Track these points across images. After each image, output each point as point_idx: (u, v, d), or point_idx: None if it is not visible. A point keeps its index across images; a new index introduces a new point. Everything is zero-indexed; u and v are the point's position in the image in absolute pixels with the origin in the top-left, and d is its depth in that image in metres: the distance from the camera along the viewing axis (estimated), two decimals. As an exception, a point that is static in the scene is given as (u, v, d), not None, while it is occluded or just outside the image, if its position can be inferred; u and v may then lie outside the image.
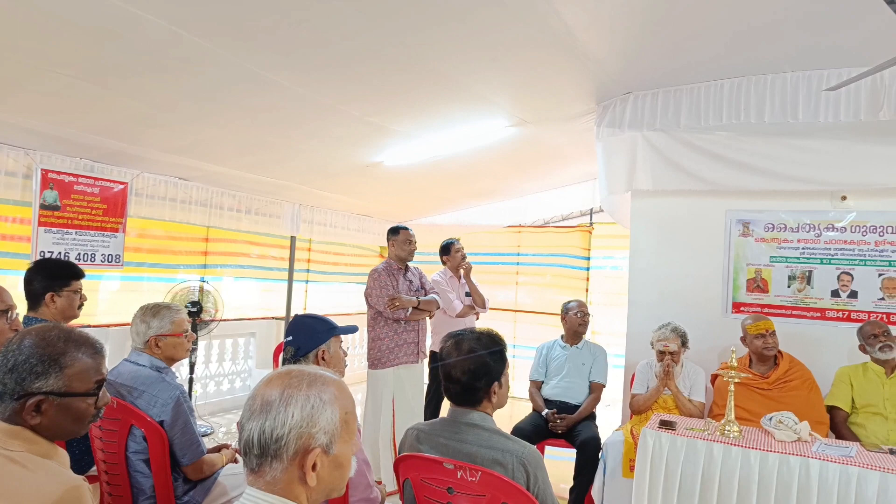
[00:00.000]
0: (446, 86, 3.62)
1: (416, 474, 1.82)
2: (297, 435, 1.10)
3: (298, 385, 1.14)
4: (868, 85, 3.42)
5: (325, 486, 1.14)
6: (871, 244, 3.84)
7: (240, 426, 1.15)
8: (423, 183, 5.75)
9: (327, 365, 2.02)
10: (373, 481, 1.92)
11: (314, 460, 1.10)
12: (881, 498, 2.45)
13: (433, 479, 1.77)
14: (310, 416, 1.11)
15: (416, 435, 1.87)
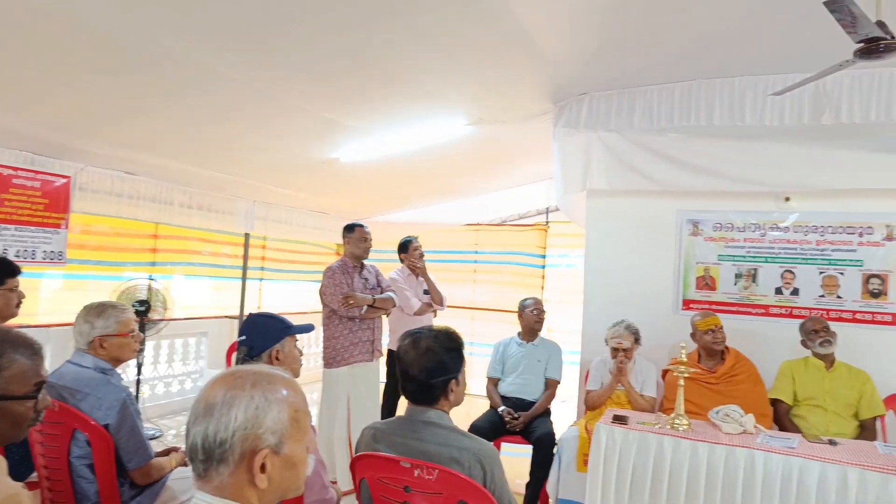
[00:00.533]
0: (404, 83, 3.60)
1: (372, 474, 1.80)
2: (242, 437, 1.06)
3: (242, 385, 1.10)
4: (811, 90, 3.56)
5: (278, 486, 1.11)
6: (812, 243, 4.01)
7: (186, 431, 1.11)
8: (381, 180, 5.71)
9: (281, 364, 1.99)
10: (328, 481, 1.90)
11: (262, 461, 1.07)
12: (821, 487, 2.56)
13: (390, 479, 1.76)
14: (254, 416, 1.07)
15: (373, 434, 1.86)
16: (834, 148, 3.75)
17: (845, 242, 3.94)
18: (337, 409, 3.88)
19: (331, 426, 3.88)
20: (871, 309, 3.86)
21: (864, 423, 3.44)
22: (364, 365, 3.98)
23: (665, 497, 2.78)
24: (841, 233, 3.95)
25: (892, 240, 3.83)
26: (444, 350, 1.80)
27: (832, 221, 3.97)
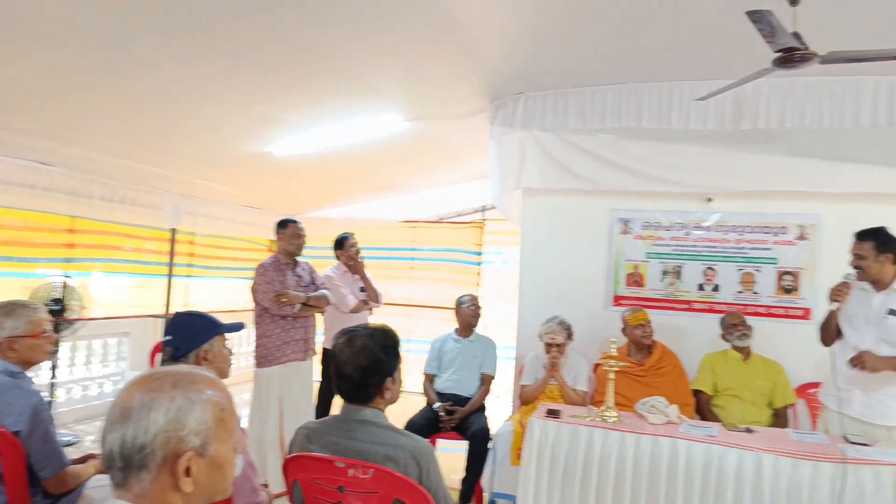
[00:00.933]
0: (341, 78, 3.55)
1: (305, 475, 1.76)
2: (163, 440, 1.01)
3: (161, 387, 1.05)
4: (732, 97, 3.74)
5: (205, 490, 1.06)
6: (732, 242, 4.22)
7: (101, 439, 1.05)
8: (316, 175, 5.60)
9: (210, 365, 1.91)
10: (258, 484, 1.84)
11: (187, 464, 1.02)
12: (738, 473, 2.70)
13: (324, 479, 1.73)
14: (176, 418, 1.02)
15: (307, 434, 1.82)
16: (752, 152, 3.96)
17: (761, 241, 4.17)
18: (269, 409, 3.78)
19: (262, 427, 3.78)
20: (784, 304, 4.10)
21: (777, 412, 3.66)
22: (297, 364, 3.89)
23: (594, 487, 2.86)
24: (758, 232, 4.18)
25: (803, 239, 4.09)
26: (380, 348, 1.78)
27: (750, 222, 4.20)
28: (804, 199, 4.01)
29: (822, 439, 2.92)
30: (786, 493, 2.63)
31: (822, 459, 2.62)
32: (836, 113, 3.67)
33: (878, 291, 3.01)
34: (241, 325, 2.15)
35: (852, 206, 3.88)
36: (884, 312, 2.96)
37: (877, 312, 2.98)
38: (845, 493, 2.53)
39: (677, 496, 2.75)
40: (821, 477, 2.59)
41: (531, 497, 2.92)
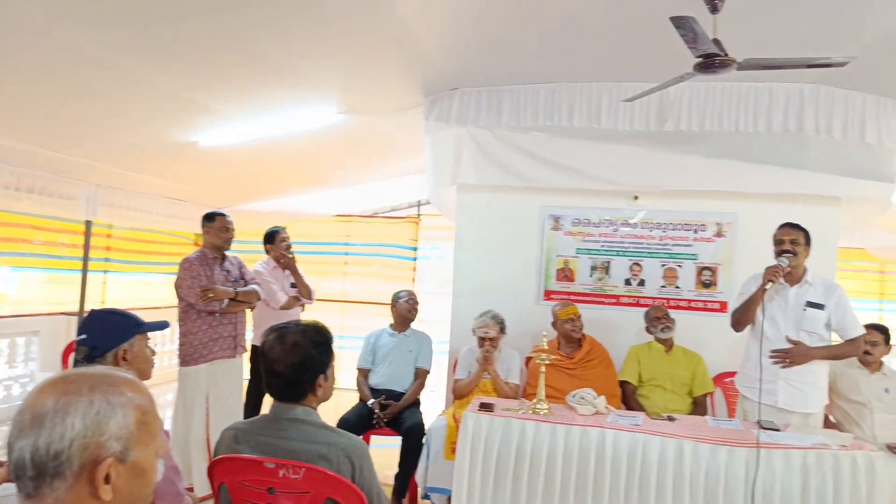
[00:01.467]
0: (273, 68, 3.44)
1: (233, 477, 1.70)
2: (81, 447, 0.95)
3: (78, 390, 0.98)
4: (657, 99, 3.90)
5: (125, 497, 1.00)
6: (656, 238, 4.40)
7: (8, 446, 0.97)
8: (246, 167, 5.42)
9: (129, 365, 1.81)
10: (182, 488, 1.77)
11: (106, 471, 0.97)
12: (661, 459, 2.82)
13: (252, 481, 1.68)
14: (95, 423, 0.96)
15: (234, 435, 1.75)
16: (675, 153, 4.14)
17: (683, 238, 4.37)
18: (194, 409, 3.63)
19: (187, 429, 3.63)
20: (703, 298, 4.32)
21: (696, 400, 3.85)
22: (225, 362, 3.76)
23: (526, 478, 2.92)
24: (680, 229, 4.37)
25: (721, 236, 4.31)
26: (312, 344, 1.74)
27: (673, 219, 4.39)
28: (722, 198, 4.23)
29: (738, 425, 3.10)
30: (704, 477, 2.77)
31: (738, 445, 2.78)
32: (750, 117, 3.90)
33: (791, 286, 3.21)
34: (165, 323, 2.05)
35: (765, 205, 4.13)
36: (802, 305, 3.17)
37: (794, 306, 3.18)
38: (758, 476, 2.69)
39: (605, 483, 2.84)
40: (736, 461, 2.75)
41: (465, 490, 2.95)
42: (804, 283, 3.20)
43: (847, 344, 3.20)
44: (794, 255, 3.12)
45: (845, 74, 3.47)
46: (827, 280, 3.29)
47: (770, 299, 3.20)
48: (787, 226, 3.21)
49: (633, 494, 2.82)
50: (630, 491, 2.82)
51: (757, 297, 3.16)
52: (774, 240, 3.23)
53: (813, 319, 3.13)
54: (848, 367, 3.59)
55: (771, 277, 3.08)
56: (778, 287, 3.20)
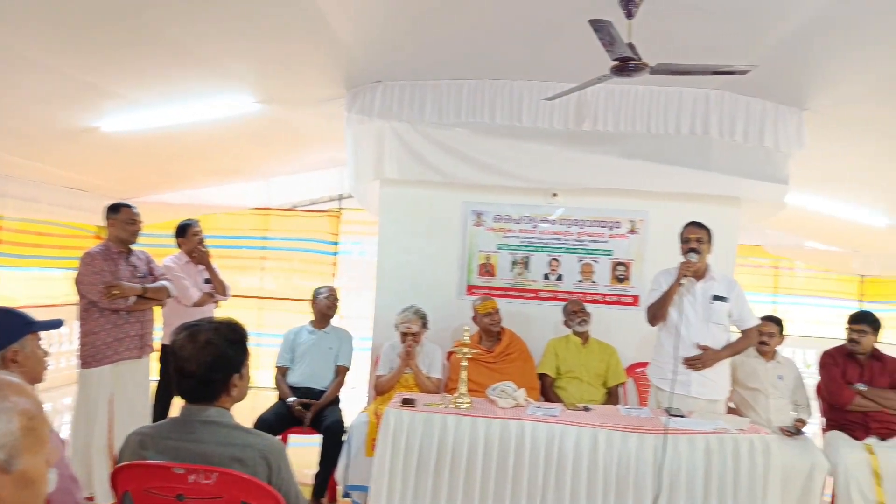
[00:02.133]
0: (184, 53, 3.27)
1: (138, 485, 1.60)
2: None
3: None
4: (576, 99, 4.01)
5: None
6: (574, 235, 4.54)
7: None
8: (155, 155, 5.12)
9: (20, 367, 1.66)
10: (80, 498, 1.64)
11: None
12: (577, 448, 2.92)
13: (160, 488, 1.58)
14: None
15: (140, 440, 1.65)
16: (592, 152, 4.28)
17: (599, 235, 4.53)
18: (97, 414, 3.40)
19: (88, 434, 3.39)
20: (617, 292, 4.50)
21: (610, 390, 4.02)
22: (132, 362, 3.53)
23: (447, 472, 2.94)
24: (596, 226, 4.53)
25: (634, 233, 4.51)
26: (226, 343, 1.66)
27: (589, 216, 4.54)
28: (635, 196, 4.42)
29: (647, 413, 3.26)
30: (616, 463, 2.89)
31: (647, 431, 2.91)
32: (661, 120, 4.09)
33: (698, 281, 3.41)
34: (59, 322, 1.90)
35: (673, 204, 4.34)
36: (708, 299, 3.37)
37: (702, 300, 3.39)
38: (665, 460, 2.84)
39: (524, 474, 2.91)
40: (645, 447, 2.89)
41: (385, 487, 2.93)
42: (709, 278, 3.41)
43: (744, 337, 3.46)
44: (699, 253, 3.31)
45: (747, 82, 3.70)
46: (726, 275, 3.54)
47: (680, 294, 3.37)
48: (692, 225, 3.41)
49: (551, 483, 2.90)
50: (548, 480, 2.91)
51: (672, 291, 3.33)
52: (682, 238, 3.41)
53: (719, 312, 3.35)
54: (746, 357, 3.85)
55: (685, 272, 3.27)
56: (686, 283, 3.38)
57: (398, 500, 2.94)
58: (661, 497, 2.84)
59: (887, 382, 3.65)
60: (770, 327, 3.87)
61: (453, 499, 2.93)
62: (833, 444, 3.58)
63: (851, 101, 3.85)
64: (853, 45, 3.16)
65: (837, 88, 3.75)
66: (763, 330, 3.81)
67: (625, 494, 2.87)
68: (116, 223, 3.57)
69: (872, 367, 3.69)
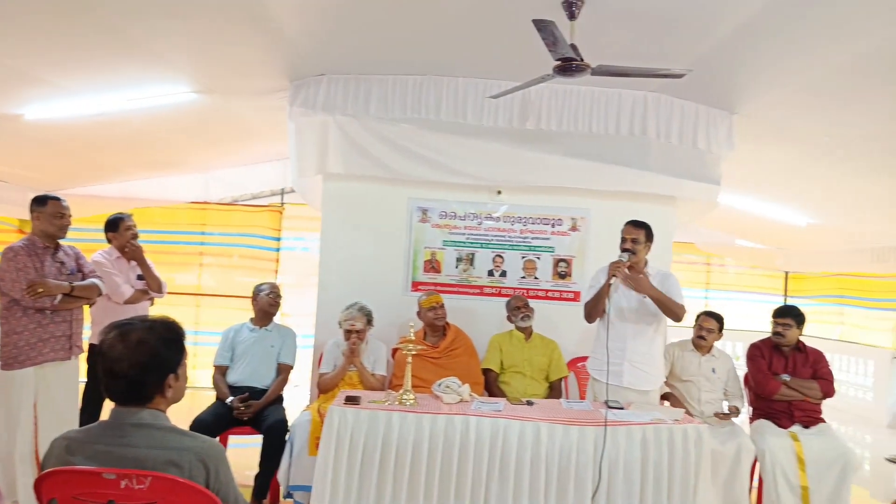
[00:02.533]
0: (116, 38, 3.12)
1: (65, 492, 1.52)
2: None
3: None
4: (520, 98, 4.07)
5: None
6: (517, 232, 4.61)
7: None
8: (83, 146, 4.88)
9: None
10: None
11: None
12: (521, 441, 2.96)
13: (88, 495, 1.50)
14: None
15: (66, 445, 1.56)
16: (536, 150, 4.35)
17: (542, 232, 4.61)
18: (19, 418, 3.20)
19: (10, 440, 3.19)
20: (559, 288, 4.59)
21: (552, 384, 4.10)
22: (58, 364, 3.35)
23: (392, 469, 2.93)
24: (539, 223, 4.61)
25: (576, 230, 4.61)
26: (161, 342, 1.59)
27: (533, 214, 4.61)
28: (577, 194, 4.52)
29: (588, 406, 3.34)
30: (558, 455, 2.95)
31: (588, 424, 2.99)
32: (602, 120, 4.20)
33: None
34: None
35: (614, 202, 4.46)
36: (642, 294, 3.45)
37: (636, 295, 3.47)
38: (605, 451, 2.92)
39: (468, 469, 2.93)
40: (586, 439, 2.96)
41: (328, 485, 2.89)
42: (645, 274, 3.51)
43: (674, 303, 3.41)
44: (633, 254, 3.39)
45: (682, 85, 3.85)
46: (662, 269, 3.64)
47: (615, 290, 3.46)
48: (630, 224, 3.49)
49: (495, 476, 2.93)
50: (492, 474, 2.94)
51: (604, 290, 3.40)
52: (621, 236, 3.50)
53: (651, 306, 3.45)
54: (682, 351, 4.00)
55: (614, 272, 3.34)
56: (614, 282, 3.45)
57: (342, 498, 2.91)
58: (600, 487, 2.92)
59: (810, 373, 3.86)
60: (710, 323, 3.99)
61: (398, 495, 2.92)
62: (760, 432, 3.75)
63: (774, 107, 4.07)
64: (775, 56, 3.34)
65: (763, 95, 3.95)
66: (703, 325, 3.96)
67: (566, 486, 2.93)
68: (42, 216, 3.36)
69: (796, 358, 3.89)
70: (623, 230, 3.47)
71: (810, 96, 3.75)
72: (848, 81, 3.44)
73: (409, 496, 2.92)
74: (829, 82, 3.48)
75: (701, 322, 4.02)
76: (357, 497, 2.92)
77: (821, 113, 3.99)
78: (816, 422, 3.82)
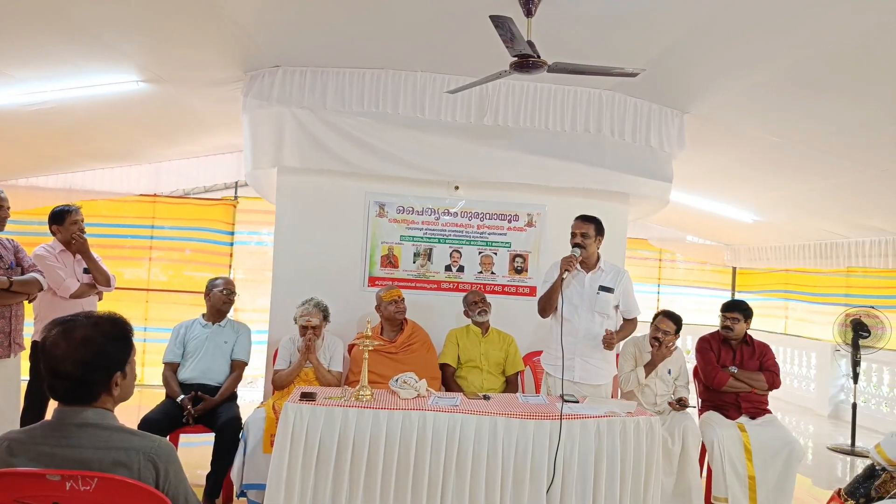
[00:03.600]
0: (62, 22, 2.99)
1: (7, 495, 1.45)
2: None
3: None
4: (478, 94, 4.08)
5: None
6: (474, 227, 4.63)
7: None
8: (23, 135, 4.66)
9: None
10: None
11: None
12: (478, 436, 2.98)
13: (32, 498, 1.45)
14: None
15: (8, 446, 1.50)
16: (493, 146, 4.37)
17: (499, 227, 4.65)
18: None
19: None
20: (515, 283, 4.64)
21: (509, 379, 4.14)
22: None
23: (348, 466, 2.91)
24: (496, 219, 4.64)
25: (532, 226, 4.66)
26: (107, 339, 1.54)
27: (489, 209, 4.64)
28: (533, 190, 4.57)
29: (543, 400, 3.39)
30: (515, 449, 2.98)
31: (543, 418, 3.04)
32: (558, 117, 4.26)
33: (587, 272, 3.56)
34: None
35: (569, 199, 4.52)
36: (595, 289, 3.52)
37: (589, 290, 3.53)
38: (560, 444, 2.97)
39: (426, 464, 2.93)
40: (542, 432, 3.00)
41: (283, 483, 2.86)
42: (598, 269, 3.58)
43: (628, 324, 3.63)
44: (583, 248, 3.45)
45: (636, 84, 3.94)
46: (616, 266, 3.71)
47: (568, 285, 3.50)
48: (579, 219, 3.54)
49: (452, 471, 2.95)
50: (448, 468, 2.95)
51: (557, 285, 3.45)
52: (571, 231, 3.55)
53: (605, 301, 3.52)
54: (640, 352, 4.03)
55: (567, 267, 3.39)
56: (575, 273, 3.52)
57: (297, 495, 2.87)
58: (556, 480, 2.97)
59: (756, 365, 3.98)
60: (667, 324, 3.89)
61: (354, 492, 2.91)
62: (708, 423, 3.85)
63: (723, 108, 4.21)
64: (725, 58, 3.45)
65: (713, 96, 4.08)
66: (660, 326, 3.89)
67: (523, 479, 2.97)
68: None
69: (744, 351, 4.01)
70: (573, 225, 3.52)
71: (756, 99, 3.89)
72: (791, 85, 3.58)
73: (365, 492, 2.91)
74: (774, 85, 3.62)
75: (658, 323, 3.92)
76: (313, 494, 2.89)
77: (764, 114, 4.15)
78: (763, 413, 3.93)
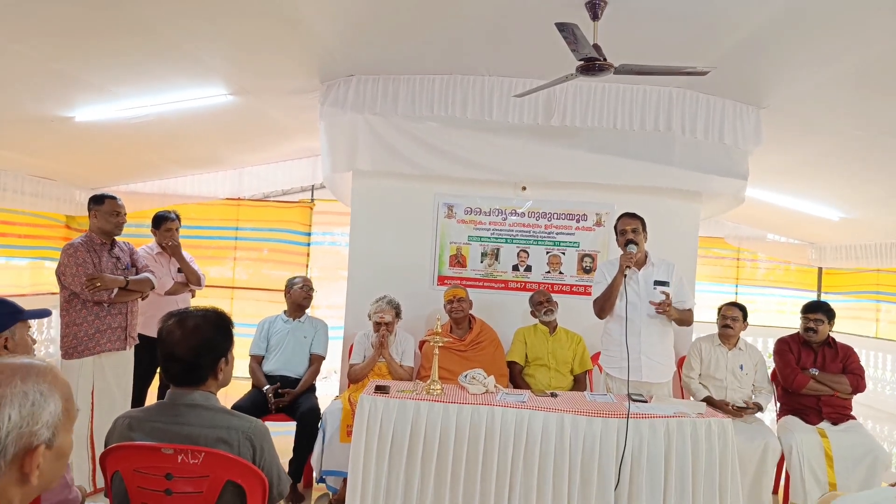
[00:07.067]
0: (157, 43, 3.28)
1: (128, 465, 1.67)
2: (16, 437, 0.98)
3: (10, 381, 1.00)
4: (545, 96, 4.13)
5: (46, 480, 1.05)
6: (542, 227, 4.68)
7: None
8: (125, 145, 5.09)
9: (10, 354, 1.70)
10: (71, 479, 1.71)
11: (39, 459, 1.00)
12: (545, 432, 3.05)
13: (148, 468, 1.65)
14: (30, 413, 1.00)
15: (128, 423, 1.72)
16: (560, 146, 4.41)
17: (566, 227, 4.68)
18: (78, 404, 3.42)
19: (67, 424, 3.40)
20: (584, 283, 4.65)
21: (577, 377, 4.17)
22: (115, 354, 3.53)
23: (420, 456, 3.05)
24: (564, 219, 4.67)
25: (600, 225, 4.66)
26: (214, 328, 1.74)
27: (557, 209, 4.68)
28: (601, 189, 4.57)
29: (611, 399, 3.41)
30: (582, 446, 3.03)
31: (611, 416, 3.06)
32: (626, 116, 4.24)
33: (639, 270, 3.55)
34: (47, 311, 1.95)
35: (637, 197, 4.49)
36: (650, 285, 3.51)
37: (645, 286, 3.52)
38: (628, 442, 2.99)
39: (494, 457, 3.03)
40: (609, 430, 3.03)
41: (361, 470, 3.02)
42: (649, 264, 3.56)
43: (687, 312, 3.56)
44: (636, 245, 3.43)
45: (707, 81, 3.86)
46: (665, 259, 3.64)
47: (625, 284, 3.49)
48: (626, 216, 3.52)
49: (519, 465, 3.03)
50: (516, 463, 3.03)
51: (618, 282, 3.44)
52: (618, 230, 3.53)
53: (662, 296, 3.48)
54: (711, 345, 3.99)
55: (628, 263, 3.39)
56: (628, 272, 3.50)
57: (374, 483, 3.03)
58: (623, 478, 2.99)
59: (839, 368, 3.83)
60: (734, 312, 3.97)
61: (427, 481, 3.04)
62: (787, 428, 3.75)
63: (801, 100, 4.05)
64: (801, 50, 3.34)
65: (789, 88, 3.94)
66: (727, 314, 3.95)
67: (590, 476, 3.00)
68: (100, 214, 3.55)
69: (825, 353, 3.87)
70: (620, 223, 3.52)
71: (837, 89, 3.74)
72: (874, 74, 3.43)
73: (437, 481, 3.04)
74: (855, 75, 3.48)
75: (724, 311, 4.02)
76: (388, 482, 3.05)
77: (848, 106, 3.97)
78: (846, 418, 3.79)
